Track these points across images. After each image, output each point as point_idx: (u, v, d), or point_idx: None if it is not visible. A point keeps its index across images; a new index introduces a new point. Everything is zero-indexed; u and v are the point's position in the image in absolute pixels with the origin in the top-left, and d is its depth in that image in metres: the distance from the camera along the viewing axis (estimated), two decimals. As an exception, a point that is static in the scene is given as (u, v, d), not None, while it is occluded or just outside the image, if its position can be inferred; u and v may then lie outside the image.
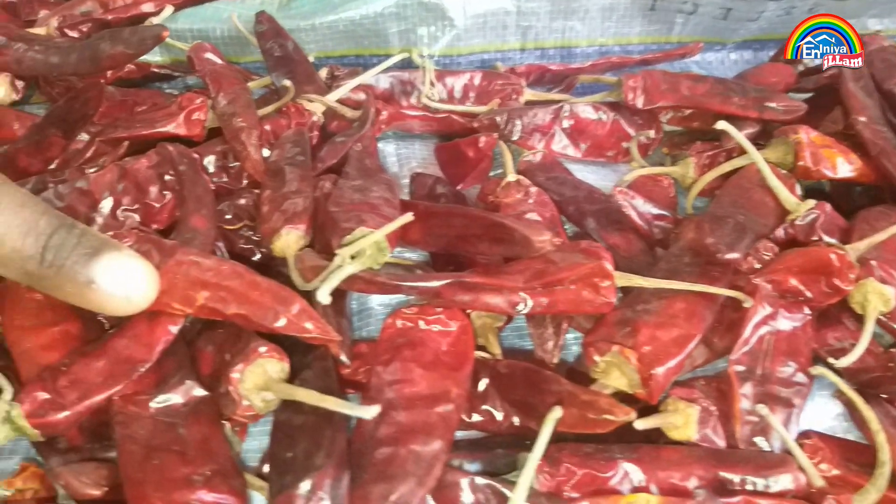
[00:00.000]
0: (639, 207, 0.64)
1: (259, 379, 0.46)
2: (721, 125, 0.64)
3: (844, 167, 0.67)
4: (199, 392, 0.49)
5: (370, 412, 0.39)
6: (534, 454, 0.42)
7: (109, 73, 0.77)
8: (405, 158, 0.77)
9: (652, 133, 0.75)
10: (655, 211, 0.65)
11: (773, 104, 0.73)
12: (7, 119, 0.70)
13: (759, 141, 0.71)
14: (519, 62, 0.86)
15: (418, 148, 0.78)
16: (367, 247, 0.51)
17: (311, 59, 0.79)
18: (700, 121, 0.77)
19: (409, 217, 0.50)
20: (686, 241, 0.59)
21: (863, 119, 0.70)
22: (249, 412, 0.47)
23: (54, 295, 0.44)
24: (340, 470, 0.41)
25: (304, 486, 0.39)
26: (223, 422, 0.49)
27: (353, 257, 0.50)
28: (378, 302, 0.61)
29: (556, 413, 0.43)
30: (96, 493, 0.44)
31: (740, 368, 0.52)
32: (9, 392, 0.45)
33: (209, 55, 0.74)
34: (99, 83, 0.66)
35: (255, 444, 0.52)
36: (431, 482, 0.43)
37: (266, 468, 0.48)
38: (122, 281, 0.42)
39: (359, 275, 0.50)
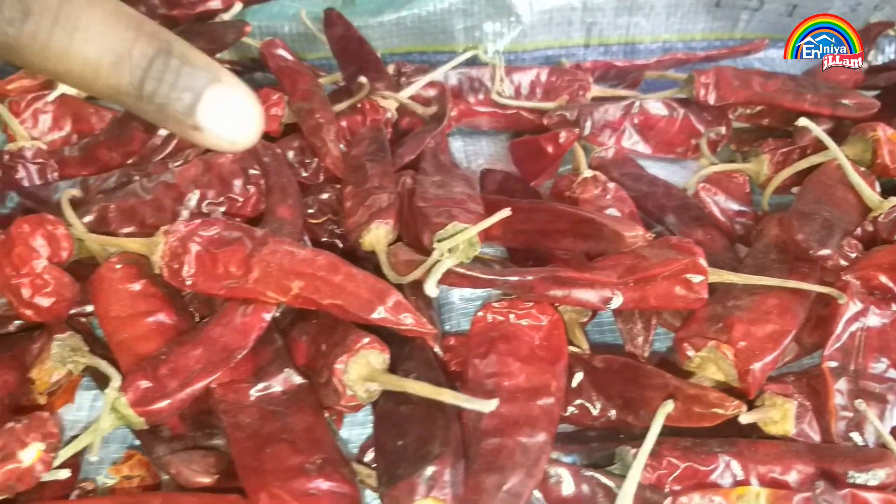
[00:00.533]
0: (720, 203, 0.64)
1: (363, 370, 0.47)
2: (802, 122, 0.64)
3: (922, 164, 0.66)
4: (298, 380, 0.50)
5: (489, 406, 0.40)
6: (644, 447, 0.42)
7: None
8: (472, 155, 0.78)
9: (723, 130, 0.75)
10: (736, 207, 0.65)
11: (845, 101, 0.73)
12: (85, 113, 0.71)
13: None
14: (582, 58, 0.86)
15: (485, 144, 0.79)
16: (461, 244, 0.51)
17: (376, 55, 0.80)
18: (770, 118, 0.77)
19: (506, 212, 0.51)
20: (771, 238, 0.59)
21: (937, 117, 0.69)
22: (352, 402, 0.47)
23: (159, 125, 0.41)
24: (457, 458, 0.41)
25: (425, 473, 0.39)
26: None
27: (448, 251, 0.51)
28: (459, 296, 0.61)
29: (668, 407, 0.43)
30: (207, 480, 0.45)
31: (833, 364, 0.52)
32: (117, 380, 0.45)
33: (281, 52, 0.75)
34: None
35: (343, 434, 0.53)
36: (539, 474, 0.43)
37: (367, 457, 0.49)
38: (227, 124, 0.37)
39: (453, 269, 0.51)
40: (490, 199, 0.61)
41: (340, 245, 0.63)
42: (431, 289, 0.48)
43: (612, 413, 0.50)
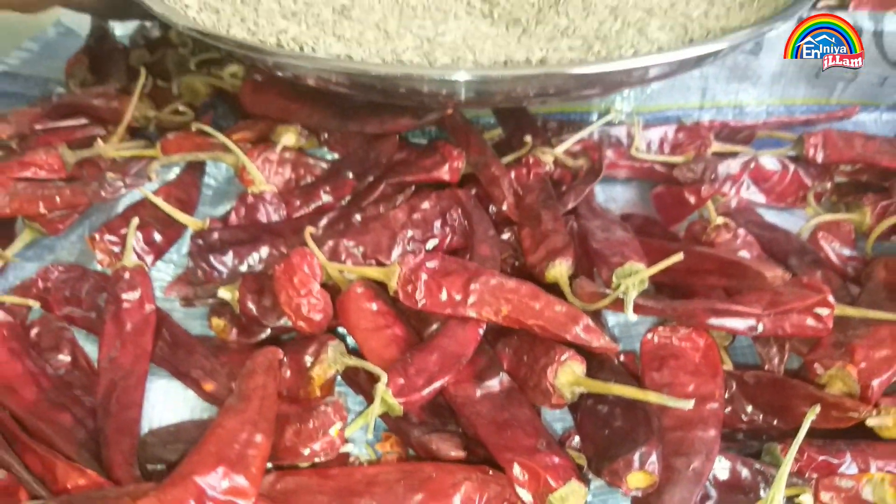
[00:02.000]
0: (835, 249, 0.77)
1: (570, 377, 0.61)
2: (904, 183, 0.77)
3: None
4: (509, 382, 0.64)
5: (689, 404, 0.53)
6: (797, 439, 0.55)
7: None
8: (609, 200, 0.92)
9: (828, 185, 0.88)
10: (847, 252, 0.78)
11: (935, 162, 0.85)
12: (301, 162, 0.87)
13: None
14: (697, 118, 1.00)
15: (620, 191, 0.93)
16: (638, 282, 0.66)
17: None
18: (868, 174, 0.90)
19: (679, 257, 0.64)
20: (879, 280, 0.72)
21: None
22: (560, 402, 0.61)
23: None
24: (659, 444, 0.55)
25: (638, 451, 0.53)
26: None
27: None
28: (613, 322, 0.75)
29: (816, 409, 0.56)
30: (461, 454, 0.59)
31: (937, 384, 0.64)
32: (384, 377, 0.60)
33: (456, 115, 0.90)
34: (394, 138, 0.82)
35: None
36: (714, 459, 0.57)
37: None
38: None
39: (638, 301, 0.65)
40: (644, 241, 0.75)
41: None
42: (631, 313, 0.62)
43: (759, 417, 0.63)
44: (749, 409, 0.63)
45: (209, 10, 0.84)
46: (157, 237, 0.79)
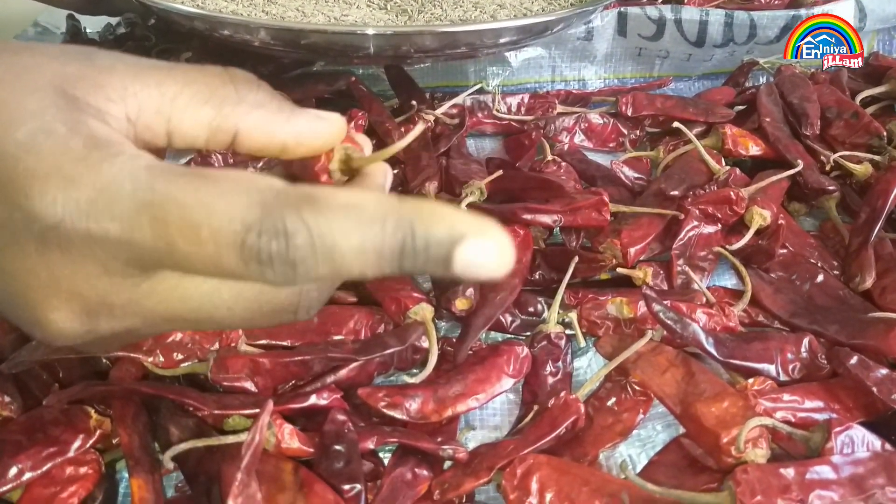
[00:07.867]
0: (626, 173, 1.09)
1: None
2: (675, 125, 1.08)
3: (753, 149, 1.11)
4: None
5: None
6: (566, 275, 0.86)
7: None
8: (480, 149, 1.22)
9: (637, 132, 1.20)
10: (636, 175, 1.09)
11: (713, 112, 1.18)
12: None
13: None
14: (550, 88, 1.31)
15: (488, 142, 1.24)
16: (476, 190, 0.96)
17: (418, 88, 1.25)
18: (670, 124, 1.21)
19: (499, 173, 0.95)
20: (651, 190, 1.04)
21: (767, 119, 1.14)
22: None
23: None
24: (477, 284, 0.85)
25: (461, 286, 0.83)
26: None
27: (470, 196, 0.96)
28: (474, 228, 1.05)
29: (576, 259, 0.87)
30: (354, 299, 0.89)
31: (678, 252, 0.95)
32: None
33: (361, 86, 1.20)
34: (313, 102, 1.12)
35: (412, 300, 0.96)
36: (515, 294, 0.87)
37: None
38: (484, 269, 0.38)
39: (472, 203, 0.95)
40: (492, 170, 1.06)
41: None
42: (463, 207, 0.92)
43: (555, 275, 0.94)
44: (547, 270, 0.94)
45: (169, -7, 1.13)
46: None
